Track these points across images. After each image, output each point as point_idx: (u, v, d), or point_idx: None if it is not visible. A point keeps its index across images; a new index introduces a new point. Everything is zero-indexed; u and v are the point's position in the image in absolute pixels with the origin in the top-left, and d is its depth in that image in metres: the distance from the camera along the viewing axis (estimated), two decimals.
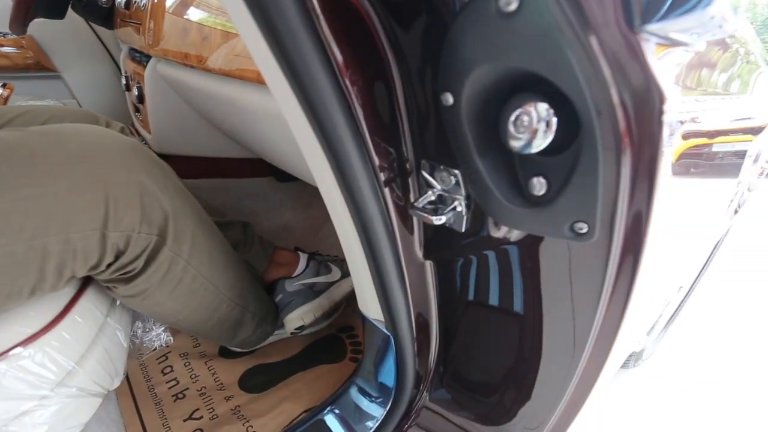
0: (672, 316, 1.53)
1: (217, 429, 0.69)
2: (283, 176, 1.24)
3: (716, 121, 0.69)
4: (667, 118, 0.27)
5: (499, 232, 0.41)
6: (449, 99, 0.31)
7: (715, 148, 0.74)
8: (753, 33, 0.87)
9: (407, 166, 0.40)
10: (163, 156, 1.01)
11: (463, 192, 0.37)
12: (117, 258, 0.45)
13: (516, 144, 0.30)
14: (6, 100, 0.81)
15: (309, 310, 0.82)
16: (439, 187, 0.38)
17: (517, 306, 0.47)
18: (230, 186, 1.14)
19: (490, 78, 0.29)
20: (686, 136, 0.65)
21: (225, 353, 0.85)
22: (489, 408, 0.57)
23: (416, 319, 0.53)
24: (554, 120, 0.28)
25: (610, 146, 0.28)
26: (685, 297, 1.58)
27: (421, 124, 0.37)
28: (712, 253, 1.61)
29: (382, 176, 0.39)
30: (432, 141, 0.37)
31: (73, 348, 0.47)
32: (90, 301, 0.51)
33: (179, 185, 0.51)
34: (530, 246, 0.42)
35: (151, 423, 0.69)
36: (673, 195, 0.51)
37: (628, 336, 0.57)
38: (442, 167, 0.37)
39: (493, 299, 0.49)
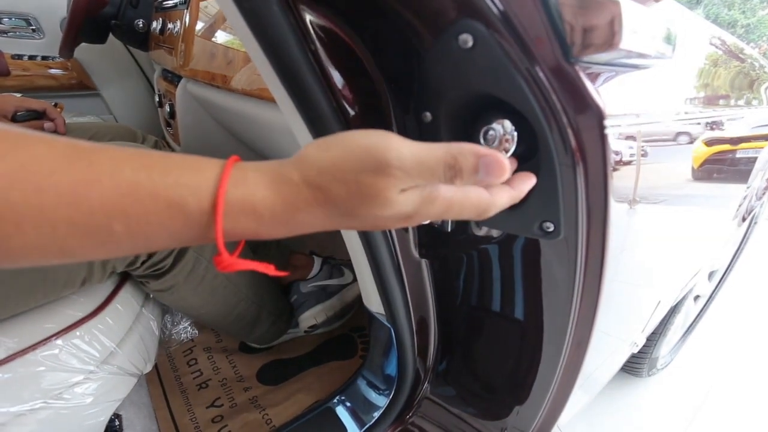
0: (690, 326, 1.51)
1: (236, 416, 0.76)
2: None
3: (737, 129, 0.72)
4: (609, 131, 0.32)
5: (481, 231, 0.46)
6: (428, 116, 0.37)
7: (728, 156, 0.77)
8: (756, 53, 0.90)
9: None
10: None
11: None
12: (150, 256, 0.52)
13: None
14: None
15: (321, 310, 0.88)
16: None
17: (499, 301, 0.52)
18: None
19: (460, 100, 0.34)
20: (709, 143, 0.69)
21: (244, 349, 0.92)
22: (485, 402, 0.61)
23: (415, 315, 0.58)
24: (515, 134, 0.34)
25: (563, 155, 0.33)
26: (704, 307, 1.56)
27: (410, 137, 0.42)
28: (731, 264, 1.58)
29: None
30: None
31: (114, 332, 0.54)
32: (128, 293, 0.59)
33: None
34: (511, 244, 0.47)
35: (178, 408, 0.76)
36: (675, 200, 0.54)
37: (611, 330, 0.61)
38: None
39: (481, 297, 0.54)
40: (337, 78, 0.36)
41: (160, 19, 1.03)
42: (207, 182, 0.22)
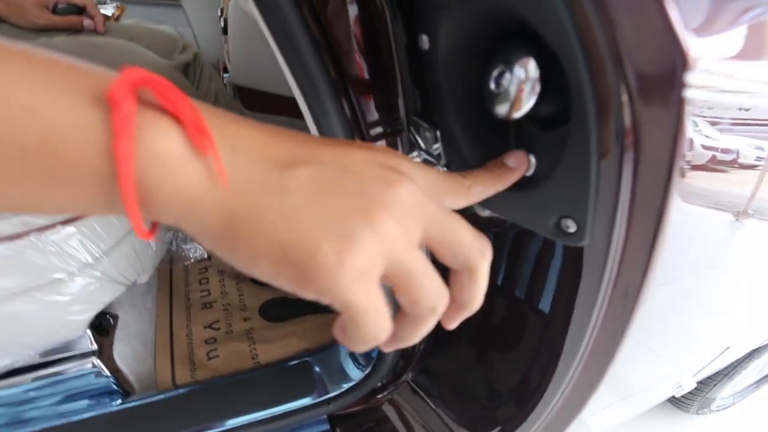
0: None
1: (227, 342, 0.76)
2: None
3: None
4: (691, 93, 0.20)
5: (485, 213, 0.36)
6: (425, 42, 0.26)
7: None
8: None
9: (399, 122, 0.36)
10: (240, 88, 1.07)
11: (443, 159, 0.32)
12: None
13: (497, 107, 0.24)
14: (117, 18, 0.91)
15: None
16: (423, 147, 0.34)
17: (501, 295, 0.42)
18: (292, 124, 1.17)
19: (468, 20, 0.23)
20: None
21: (255, 280, 0.92)
22: (464, 408, 0.53)
23: None
24: (538, 85, 0.23)
25: (605, 128, 0.22)
26: None
27: (410, 75, 0.32)
28: None
29: (372, 132, 0.36)
30: (418, 95, 0.32)
31: (103, 239, 0.54)
32: None
33: None
34: (520, 236, 0.37)
35: (178, 321, 0.79)
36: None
37: (650, 362, 0.48)
38: (426, 125, 0.32)
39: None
40: None
41: None
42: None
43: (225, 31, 1.00)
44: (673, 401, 1.14)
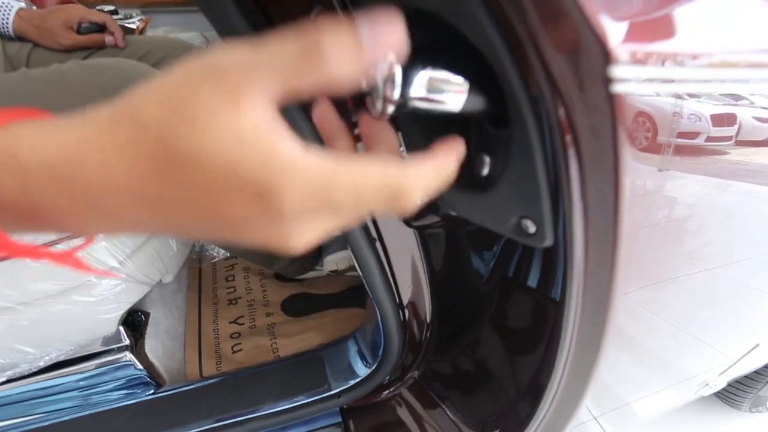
0: None
1: (250, 336, 0.80)
2: None
3: None
4: (620, 86, 0.18)
5: (453, 213, 0.35)
6: None
7: None
8: None
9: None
10: None
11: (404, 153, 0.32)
12: None
13: (375, 102, 0.20)
14: (142, 31, 0.96)
15: (344, 257, 0.85)
16: None
17: (497, 290, 0.41)
18: None
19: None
20: None
21: (279, 276, 0.96)
22: (470, 404, 0.53)
23: (403, 292, 0.51)
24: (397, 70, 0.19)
25: (542, 122, 0.21)
26: None
27: None
28: None
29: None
30: None
31: (125, 244, 0.58)
32: None
33: None
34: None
35: (206, 317, 0.84)
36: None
37: (664, 360, 0.46)
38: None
39: (472, 279, 0.44)
40: None
41: None
42: None
43: None
44: (722, 397, 1.06)
